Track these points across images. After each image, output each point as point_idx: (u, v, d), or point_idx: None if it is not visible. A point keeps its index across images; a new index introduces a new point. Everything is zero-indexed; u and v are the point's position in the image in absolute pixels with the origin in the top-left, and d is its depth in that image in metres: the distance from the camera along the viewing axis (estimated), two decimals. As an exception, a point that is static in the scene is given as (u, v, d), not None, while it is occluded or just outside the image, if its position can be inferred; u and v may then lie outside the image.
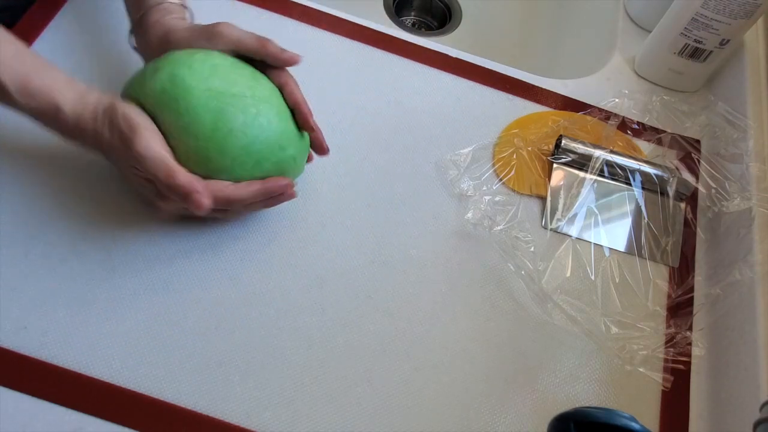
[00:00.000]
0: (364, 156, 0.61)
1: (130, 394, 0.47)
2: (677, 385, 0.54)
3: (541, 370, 0.54)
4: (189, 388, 0.48)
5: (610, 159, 0.63)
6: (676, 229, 0.63)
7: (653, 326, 0.56)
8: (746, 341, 0.53)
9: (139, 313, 0.50)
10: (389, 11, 0.97)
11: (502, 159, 0.63)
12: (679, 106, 0.70)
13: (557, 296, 0.56)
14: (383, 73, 0.67)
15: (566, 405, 0.52)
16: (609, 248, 0.60)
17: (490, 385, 0.52)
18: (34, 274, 0.50)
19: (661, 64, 0.71)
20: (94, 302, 0.50)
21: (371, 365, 0.51)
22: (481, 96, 0.68)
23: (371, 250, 0.56)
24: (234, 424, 0.47)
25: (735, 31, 0.65)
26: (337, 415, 0.49)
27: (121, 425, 0.46)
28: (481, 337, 0.54)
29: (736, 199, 0.61)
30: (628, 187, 0.63)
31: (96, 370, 0.48)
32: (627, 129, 0.68)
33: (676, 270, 0.60)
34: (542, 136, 0.65)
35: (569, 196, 0.62)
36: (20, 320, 0.49)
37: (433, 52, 0.70)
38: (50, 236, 0.52)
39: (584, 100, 0.69)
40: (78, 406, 0.46)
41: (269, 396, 0.49)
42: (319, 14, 0.69)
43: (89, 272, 0.51)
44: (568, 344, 0.55)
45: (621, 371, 0.54)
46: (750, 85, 0.67)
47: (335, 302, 0.53)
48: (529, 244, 0.57)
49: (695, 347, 0.56)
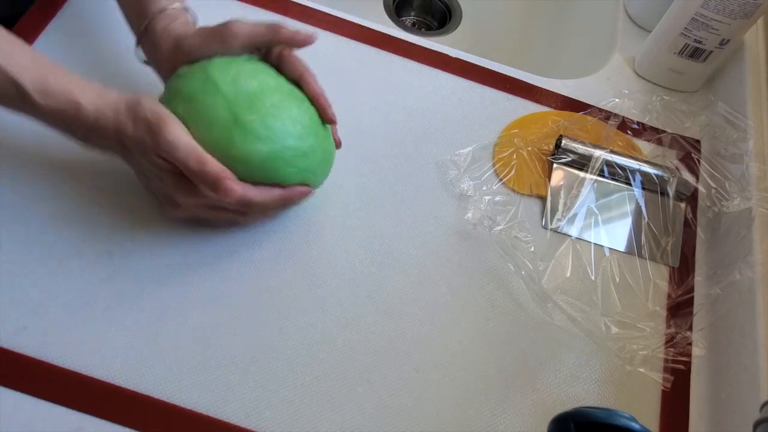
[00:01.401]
0: (364, 156, 0.61)
1: (130, 394, 0.47)
2: (677, 385, 0.54)
3: (541, 370, 0.54)
4: (189, 388, 0.48)
5: (610, 159, 0.63)
6: (676, 229, 0.63)
7: (653, 326, 0.56)
8: (746, 341, 0.53)
9: (139, 313, 0.50)
10: (389, 11, 0.97)
11: (502, 159, 0.63)
12: (679, 106, 0.70)
13: (557, 296, 0.56)
14: (383, 73, 0.67)
15: (566, 405, 0.52)
16: (609, 248, 0.60)
17: (490, 385, 0.52)
18: (34, 274, 0.50)
19: (661, 64, 0.71)
20: (94, 302, 0.50)
21: (371, 365, 0.51)
22: (481, 96, 0.68)
23: (371, 250, 0.56)
24: (234, 424, 0.47)
25: (735, 31, 0.65)
26: (337, 415, 0.49)
27: (121, 425, 0.46)
28: (481, 337, 0.54)
29: (736, 199, 0.61)
30: (628, 187, 0.63)
31: (96, 370, 0.48)
32: (627, 129, 0.68)
33: (676, 270, 0.60)
34: (542, 136, 0.65)
35: (569, 196, 0.62)
36: (20, 320, 0.49)
37: (433, 52, 0.70)
38: (50, 236, 0.52)
39: (584, 100, 0.69)
40: (78, 406, 0.46)
41: (269, 396, 0.49)
42: (319, 14, 0.69)
43: (89, 272, 0.51)
44: (568, 344, 0.55)
45: (621, 371, 0.54)
46: (750, 85, 0.67)
47: (335, 302, 0.53)
48: (529, 244, 0.57)
49: (695, 347, 0.56)
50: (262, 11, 0.68)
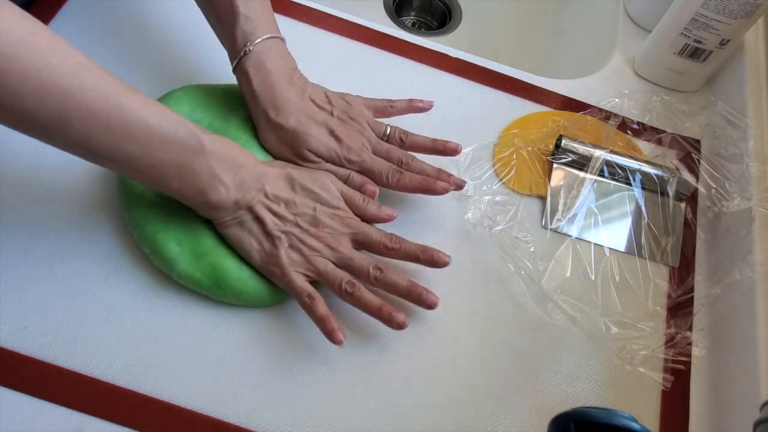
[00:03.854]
0: (364, 156, 0.61)
1: (130, 394, 0.47)
2: (677, 385, 0.54)
3: (541, 370, 0.54)
4: (189, 388, 0.48)
5: (610, 159, 0.63)
6: (676, 229, 0.63)
7: (653, 326, 0.56)
8: (746, 341, 0.53)
9: (139, 313, 0.50)
10: (389, 11, 0.97)
11: (502, 159, 0.63)
12: (679, 106, 0.70)
13: (557, 296, 0.56)
14: (383, 73, 0.67)
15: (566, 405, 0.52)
16: (609, 248, 0.60)
17: (490, 385, 0.52)
18: (34, 274, 0.50)
19: (661, 64, 0.71)
20: (94, 302, 0.50)
21: (371, 365, 0.51)
22: (481, 96, 0.68)
23: (371, 250, 0.56)
24: (234, 424, 0.47)
25: (735, 31, 0.65)
26: (337, 415, 0.49)
27: (121, 425, 0.46)
28: (481, 337, 0.54)
29: (736, 199, 0.61)
30: (628, 187, 0.63)
31: (96, 370, 0.48)
32: (627, 129, 0.68)
33: (676, 270, 0.60)
34: (542, 136, 0.65)
35: (569, 196, 0.62)
36: (20, 320, 0.49)
37: (433, 52, 0.70)
38: (50, 236, 0.52)
39: (584, 100, 0.69)
40: (78, 406, 0.46)
41: (269, 396, 0.49)
42: (319, 14, 0.69)
43: (89, 272, 0.51)
44: (568, 344, 0.55)
45: (621, 371, 0.54)
46: (750, 85, 0.67)
47: (335, 302, 0.53)
48: (529, 244, 0.57)
49: (695, 347, 0.56)
50: (262, 11, 0.68)
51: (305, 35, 0.68)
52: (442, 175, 0.56)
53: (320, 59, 0.66)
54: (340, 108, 0.56)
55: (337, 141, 0.55)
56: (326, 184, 0.52)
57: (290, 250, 0.50)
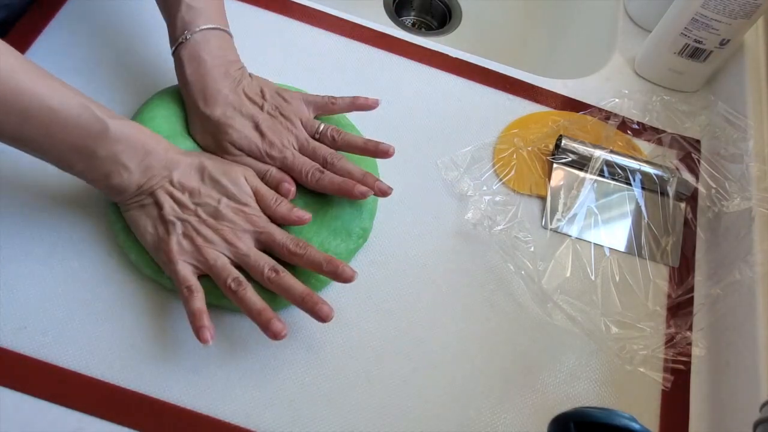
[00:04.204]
0: (364, 156, 0.61)
1: (130, 394, 0.47)
2: (677, 385, 0.54)
3: (541, 370, 0.54)
4: (189, 388, 0.48)
5: (610, 159, 0.63)
6: (676, 229, 0.63)
7: (653, 326, 0.56)
8: (746, 341, 0.53)
9: (139, 313, 0.50)
10: (389, 11, 0.97)
11: (502, 159, 0.63)
12: (679, 106, 0.70)
13: (557, 296, 0.56)
14: (383, 73, 0.67)
15: (566, 405, 0.52)
16: (609, 248, 0.60)
17: (490, 385, 0.52)
18: (34, 274, 0.50)
19: (661, 64, 0.71)
20: (94, 302, 0.50)
21: (371, 365, 0.51)
22: (481, 96, 0.68)
23: (371, 251, 0.56)
24: (234, 424, 0.47)
25: (735, 31, 0.65)
26: (337, 415, 0.49)
27: (121, 425, 0.46)
28: (481, 337, 0.54)
29: (736, 199, 0.61)
30: (628, 187, 0.63)
31: (96, 370, 0.48)
32: (627, 129, 0.68)
33: (676, 270, 0.60)
34: (542, 136, 0.65)
35: (569, 196, 0.62)
36: (20, 320, 0.49)
37: (433, 52, 0.70)
38: (50, 236, 0.52)
39: (584, 100, 0.69)
40: (78, 406, 0.46)
41: (269, 396, 0.49)
42: (319, 14, 0.69)
43: (89, 272, 0.51)
44: (568, 344, 0.55)
45: (621, 371, 0.54)
46: (750, 85, 0.67)
47: (334, 302, 0.53)
48: (529, 244, 0.57)
49: (695, 347, 0.56)
50: (262, 11, 0.68)
51: (305, 35, 0.68)
52: (367, 178, 0.54)
53: (320, 59, 0.66)
54: (273, 103, 0.55)
55: (261, 135, 0.54)
56: (237, 177, 0.51)
57: (182, 237, 0.49)
